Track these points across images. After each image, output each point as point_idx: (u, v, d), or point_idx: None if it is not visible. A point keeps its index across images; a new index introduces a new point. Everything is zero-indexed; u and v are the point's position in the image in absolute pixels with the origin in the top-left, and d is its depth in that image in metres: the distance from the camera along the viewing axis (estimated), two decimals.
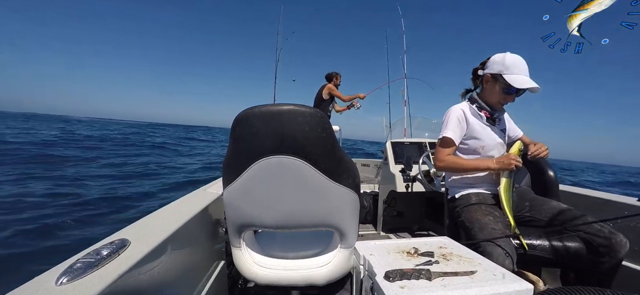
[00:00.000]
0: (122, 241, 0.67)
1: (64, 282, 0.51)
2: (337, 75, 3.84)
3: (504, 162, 1.16)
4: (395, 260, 0.82)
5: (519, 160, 1.14)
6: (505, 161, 1.16)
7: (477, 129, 1.28)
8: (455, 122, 1.28)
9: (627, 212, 1.24)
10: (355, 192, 0.95)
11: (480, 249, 0.99)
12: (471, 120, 1.29)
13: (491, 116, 1.30)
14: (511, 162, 1.13)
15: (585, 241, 1.04)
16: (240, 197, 0.91)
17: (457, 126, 1.28)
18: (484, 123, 1.30)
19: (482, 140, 1.28)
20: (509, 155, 1.16)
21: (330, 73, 3.86)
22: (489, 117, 1.29)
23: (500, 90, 1.22)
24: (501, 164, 1.17)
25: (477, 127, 1.29)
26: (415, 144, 2.44)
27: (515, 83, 1.15)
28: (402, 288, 0.66)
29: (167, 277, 0.74)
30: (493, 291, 0.65)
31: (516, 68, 1.17)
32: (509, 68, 1.18)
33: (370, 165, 4.45)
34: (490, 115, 1.30)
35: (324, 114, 0.85)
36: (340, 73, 3.86)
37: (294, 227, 0.97)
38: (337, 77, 3.84)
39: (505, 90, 1.21)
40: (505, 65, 1.19)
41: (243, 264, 1.04)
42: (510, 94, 1.21)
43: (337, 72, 3.85)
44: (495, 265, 0.78)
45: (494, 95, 1.25)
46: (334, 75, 3.83)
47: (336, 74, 3.84)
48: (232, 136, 0.85)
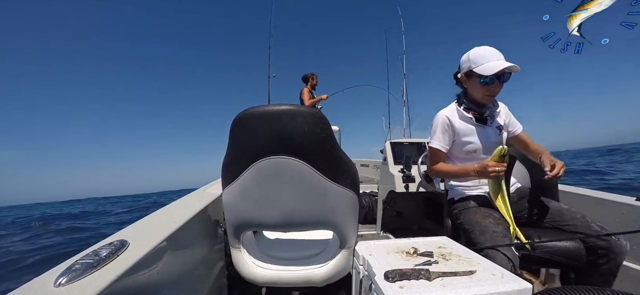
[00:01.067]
0: (121, 242, 0.67)
1: (62, 283, 0.50)
2: (312, 76, 3.85)
3: (482, 173, 1.12)
4: (395, 260, 0.82)
5: (497, 168, 1.08)
6: (483, 171, 1.11)
7: (465, 132, 1.27)
8: (440, 130, 1.28)
9: (625, 211, 1.24)
10: (355, 192, 0.95)
11: (482, 254, 0.96)
12: (457, 125, 1.27)
13: (480, 116, 1.26)
14: (488, 171, 1.08)
15: (585, 242, 1.04)
16: (239, 198, 0.91)
17: (442, 134, 1.28)
18: (473, 124, 1.27)
19: (473, 143, 1.26)
20: (486, 164, 1.10)
21: (306, 74, 3.87)
22: (478, 118, 1.26)
23: (478, 85, 1.20)
24: (480, 173, 1.13)
25: (465, 129, 1.27)
26: (415, 144, 2.44)
27: (486, 71, 1.13)
28: (402, 288, 0.66)
29: (166, 278, 0.74)
30: (492, 291, 0.65)
31: (482, 58, 1.16)
32: (475, 61, 1.18)
33: (369, 166, 4.45)
34: (479, 115, 1.26)
35: (323, 114, 0.85)
36: (316, 73, 3.87)
37: (293, 227, 0.97)
38: (313, 77, 3.85)
39: (483, 82, 1.18)
40: (472, 59, 1.19)
41: (242, 264, 1.04)
42: (489, 84, 1.18)
43: (313, 73, 3.87)
44: (495, 265, 0.78)
45: (476, 92, 1.23)
46: (309, 76, 3.84)
47: (312, 74, 3.85)
48: (231, 137, 0.85)
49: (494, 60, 1.14)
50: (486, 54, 1.16)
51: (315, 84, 3.87)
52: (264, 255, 1.08)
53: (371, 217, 2.74)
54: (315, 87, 3.87)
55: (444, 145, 1.28)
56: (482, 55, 1.16)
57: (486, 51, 1.17)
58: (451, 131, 1.28)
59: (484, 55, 1.16)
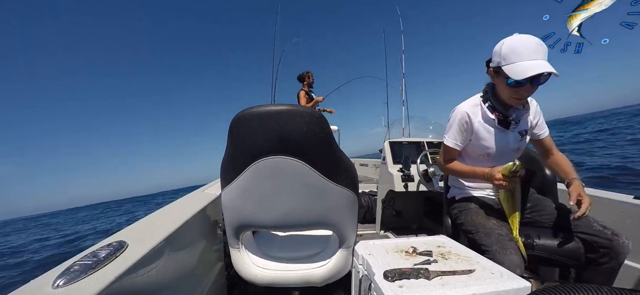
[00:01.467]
0: (120, 243, 0.66)
1: (60, 285, 0.50)
2: (308, 74, 3.72)
3: (489, 179, 1.07)
4: (394, 259, 0.82)
5: (503, 183, 1.02)
6: (490, 179, 1.06)
7: (484, 135, 1.15)
8: (457, 127, 1.18)
9: (623, 210, 1.24)
10: (354, 192, 0.94)
11: (489, 256, 0.94)
12: (476, 126, 1.15)
13: (505, 119, 1.12)
14: (495, 183, 1.03)
15: (586, 241, 1.02)
16: (238, 198, 0.91)
17: (458, 133, 1.18)
18: (494, 127, 1.14)
19: (490, 148, 1.15)
20: (494, 175, 1.04)
21: (302, 73, 3.73)
22: (501, 120, 1.12)
23: (505, 86, 1.03)
24: (488, 178, 1.08)
25: (484, 133, 1.15)
26: (414, 144, 2.44)
27: (516, 74, 0.95)
28: (401, 287, 0.66)
29: (165, 279, 0.74)
30: (491, 290, 0.65)
31: (515, 55, 0.97)
32: (506, 57, 0.99)
33: (368, 165, 4.46)
34: (503, 118, 1.12)
35: (321, 114, 0.84)
36: (311, 71, 3.73)
37: (293, 227, 0.97)
38: (308, 76, 3.71)
39: (510, 85, 1.00)
40: (502, 55, 1.00)
41: (241, 265, 1.03)
42: (519, 86, 1.00)
43: (309, 71, 3.73)
44: (493, 263, 0.78)
45: (503, 92, 1.07)
46: (305, 75, 3.71)
47: (307, 73, 3.72)
48: (230, 137, 0.85)
49: (529, 59, 0.95)
50: (520, 50, 0.96)
51: (312, 82, 3.75)
52: (263, 255, 1.08)
53: (370, 216, 2.74)
54: (312, 85, 3.77)
55: (458, 144, 1.19)
56: (516, 51, 0.97)
57: (521, 46, 0.96)
58: (469, 131, 1.17)
59: (518, 51, 0.96)
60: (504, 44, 1.00)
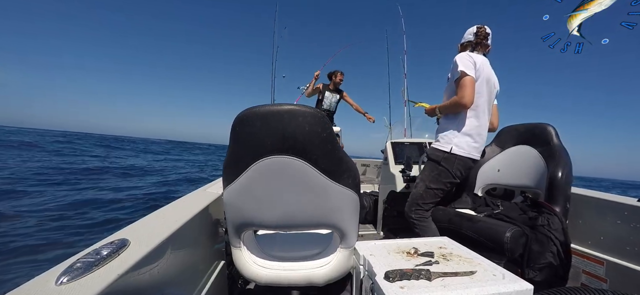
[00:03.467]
0: (122, 241, 0.67)
1: (64, 281, 0.51)
2: (335, 73, 3.54)
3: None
4: (395, 260, 0.82)
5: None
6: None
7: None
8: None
9: (627, 212, 1.24)
10: (356, 192, 0.95)
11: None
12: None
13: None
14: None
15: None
16: (240, 197, 0.91)
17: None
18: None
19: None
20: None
21: (330, 72, 3.55)
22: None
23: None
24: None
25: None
26: (416, 144, 2.44)
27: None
28: (402, 288, 0.66)
29: (167, 277, 0.74)
30: (493, 291, 0.65)
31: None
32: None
33: (370, 166, 4.46)
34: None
35: (324, 114, 0.85)
36: (342, 71, 3.54)
37: (294, 227, 0.97)
38: (335, 75, 3.54)
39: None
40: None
41: (243, 264, 1.04)
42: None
43: (337, 71, 3.53)
44: (495, 265, 0.78)
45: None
46: (332, 74, 3.54)
47: (335, 72, 3.54)
48: (233, 136, 0.85)
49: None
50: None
51: (338, 82, 3.53)
52: (265, 254, 1.08)
53: (372, 217, 2.74)
54: (338, 85, 3.56)
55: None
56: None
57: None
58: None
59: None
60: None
